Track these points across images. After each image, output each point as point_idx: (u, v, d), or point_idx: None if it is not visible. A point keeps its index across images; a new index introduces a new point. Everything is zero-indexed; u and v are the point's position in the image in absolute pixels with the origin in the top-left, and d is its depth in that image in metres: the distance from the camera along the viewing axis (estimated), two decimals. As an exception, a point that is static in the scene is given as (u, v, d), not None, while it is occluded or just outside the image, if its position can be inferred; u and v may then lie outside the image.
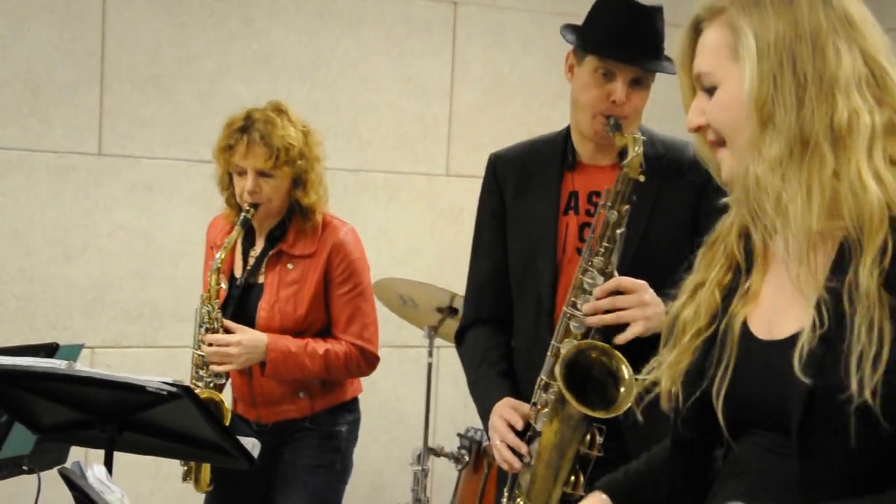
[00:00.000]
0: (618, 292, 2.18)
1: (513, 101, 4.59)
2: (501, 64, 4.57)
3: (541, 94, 4.59)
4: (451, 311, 3.40)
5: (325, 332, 2.96)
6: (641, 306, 2.14)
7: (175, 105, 4.11)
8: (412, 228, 4.49)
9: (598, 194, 2.33)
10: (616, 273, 2.21)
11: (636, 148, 2.19)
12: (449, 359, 4.16)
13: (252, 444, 2.39)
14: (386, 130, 4.44)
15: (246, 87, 4.13)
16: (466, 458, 3.36)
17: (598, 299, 2.17)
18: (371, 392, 4.53)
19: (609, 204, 2.20)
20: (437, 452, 3.39)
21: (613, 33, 2.29)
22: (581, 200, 2.39)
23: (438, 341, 3.51)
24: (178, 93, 4.12)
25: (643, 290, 2.16)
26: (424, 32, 4.48)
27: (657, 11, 2.33)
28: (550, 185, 2.41)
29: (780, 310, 1.40)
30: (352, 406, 3.05)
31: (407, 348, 4.31)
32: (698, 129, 1.42)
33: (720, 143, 1.40)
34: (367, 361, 2.97)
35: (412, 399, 4.36)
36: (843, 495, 1.28)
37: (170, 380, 2.19)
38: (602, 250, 2.20)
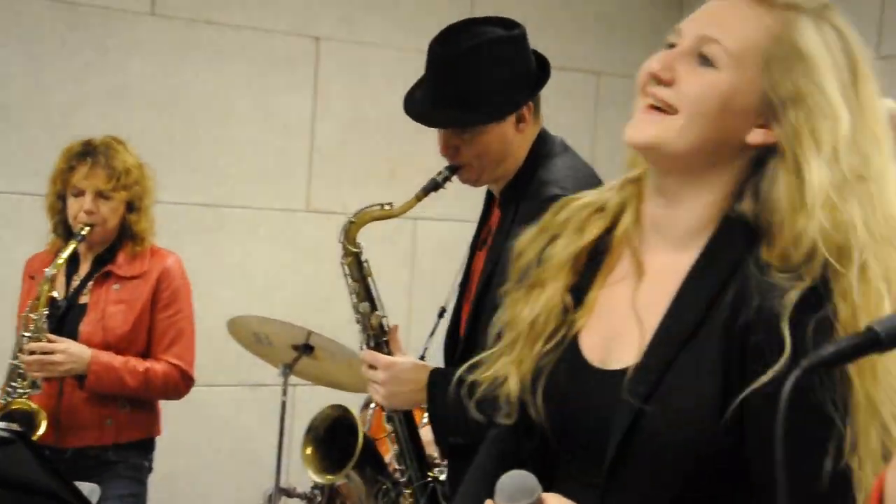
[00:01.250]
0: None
1: (374, 138, 4.60)
2: (363, 100, 4.58)
3: (403, 131, 4.58)
4: (307, 348, 3.37)
5: (144, 356, 3.06)
6: (380, 384, 2.22)
7: (24, 137, 3.99)
8: (271, 265, 4.44)
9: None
10: (384, 321, 2.33)
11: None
12: (304, 397, 4.11)
13: (90, 490, 2.32)
14: (245, 165, 4.40)
15: (100, 120, 4.02)
16: (319, 499, 3.32)
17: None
18: (223, 431, 4.46)
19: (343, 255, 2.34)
20: (290, 493, 3.34)
21: (416, 85, 2.32)
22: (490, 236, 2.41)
23: (293, 379, 3.47)
24: (28, 125, 3.99)
25: (384, 368, 2.22)
26: (286, 67, 4.46)
27: (466, 55, 2.23)
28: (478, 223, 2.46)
29: (619, 335, 1.36)
30: (153, 446, 3.13)
31: (261, 387, 4.24)
32: (653, 77, 1.34)
33: (664, 108, 1.33)
34: (185, 383, 3.11)
35: (265, 439, 4.30)
36: None
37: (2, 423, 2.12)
38: (360, 294, 2.34)
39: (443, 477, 2.45)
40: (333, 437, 3.00)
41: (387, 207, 2.40)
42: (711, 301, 1.28)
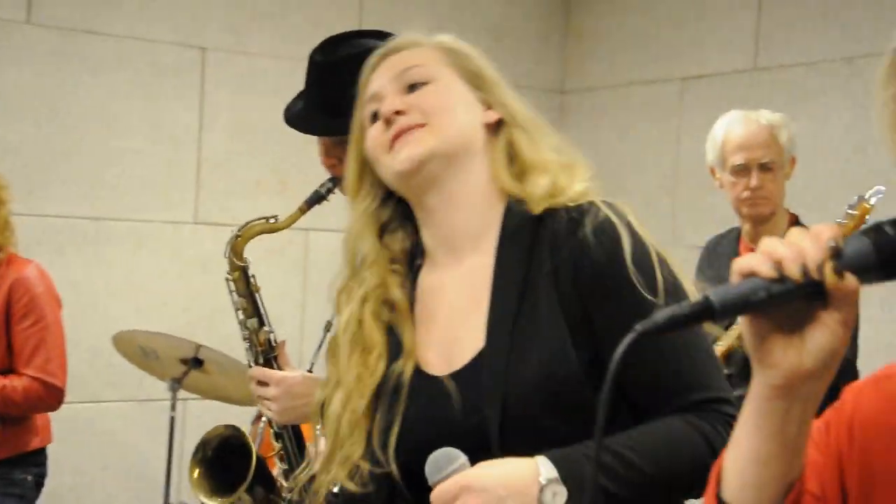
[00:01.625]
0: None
1: (263, 149, 4.56)
2: (251, 110, 4.54)
3: (292, 142, 4.56)
4: (196, 362, 3.32)
5: (8, 371, 2.97)
6: (272, 400, 2.21)
7: None
8: (158, 278, 4.36)
9: None
10: (272, 337, 2.33)
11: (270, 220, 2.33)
12: (194, 411, 4.05)
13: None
14: (131, 177, 4.32)
15: (-24, 130, 3.92)
16: (210, 515, 3.28)
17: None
18: (111, 448, 4.36)
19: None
20: (180, 509, 3.28)
21: (298, 95, 2.32)
22: None
23: (182, 394, 3.41)
24: None
25: (276, 384, 2.21)
26: (172, 77, 4.40)
27: (340, 64, 2.20)
28: None
29: (455, 339, 1.47)
30: (39, 458, 3.02)
31: (149, 402, 4.16)
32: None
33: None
34: (52, 395, 3.00)
35: (155, 454, 4.22)
36: None
37: None
38: (247, 310, 2.35)
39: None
40: (223, 458, 2.94)
41: (272, 221, 2.38)
42: (527, 268, 1.44)
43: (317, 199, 2.34)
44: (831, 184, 4.06)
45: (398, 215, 1.58)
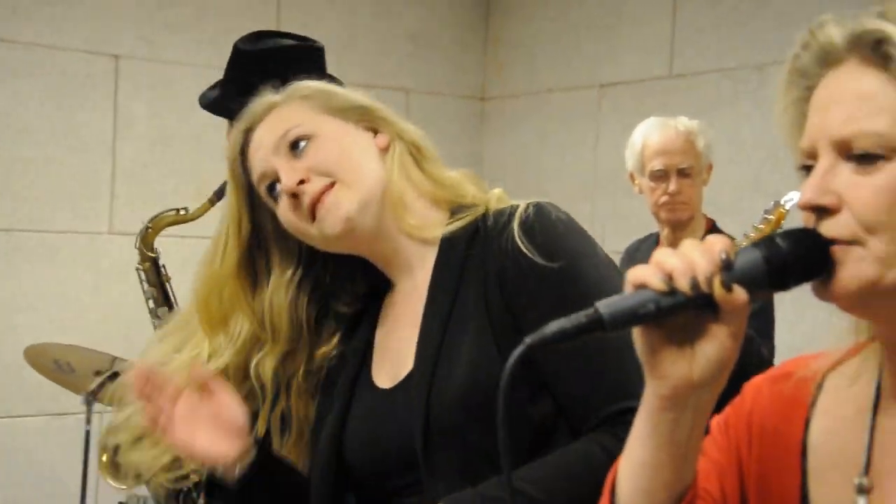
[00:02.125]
0: None
1: (180, 156, 4.50)
2: (167, 118, 4.47)
3: (209, 150, 4.52)
4: (112, 375, 3.25)
5: None
6: None
7: None
8: (72, 289, 4.26)
9: None
10: None
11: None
12: (112, 425, 3.97)
13: None
14: (43, 187, 4.21)
15: None
16: (127, 530, 3.21)
17: None
18: (25, 464, 4.25)
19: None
20: (97, 526, 3.21)
21: (212, 85, 2.40)
22: None
23: (98, 407, 3.34)
24: None
25: None
26: (84, 85, 4.31)
27: (263, 53, 2.31)
28: None
29: (398, 356, 1.49)
30: None
31: (64, 416, 4.06)
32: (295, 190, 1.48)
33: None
34: None
35: (70, 468, 4.12)
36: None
37: None
38: (157, 299, 2.36)
39: None
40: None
41: (182, 212, 2.40)
42: (458, 282, 1.44)
43: (226, 190, 2.33)
44: (745, 189, 4.14)
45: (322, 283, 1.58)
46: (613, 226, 4.50)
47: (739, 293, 0.90)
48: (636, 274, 0.91)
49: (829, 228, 0.93)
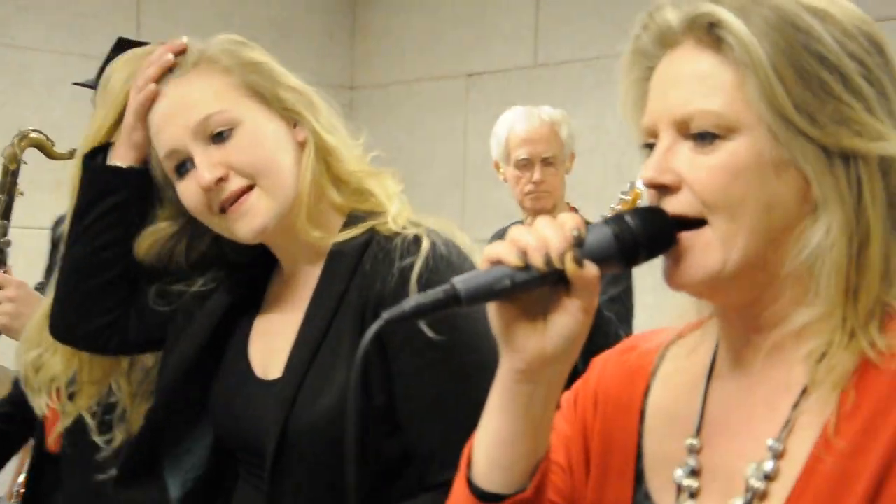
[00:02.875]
0: None
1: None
2: (25, 106, 4.32)
3: (69, 137, 4.39)
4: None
5: None
6: (9, 301, 2.16)
7: None
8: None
9: None
10: (6, 242, 2.35)
11: None
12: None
13: None
14: None
15: None
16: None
17: None
18: None
19: None
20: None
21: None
22: None
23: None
24: None
25: (16, 287, 2.18)
26: (-67, 72, 4.13)
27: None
28: None
29: (274, 349, 1.46)
30: None
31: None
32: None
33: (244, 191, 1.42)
34: None
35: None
36: None
37: None
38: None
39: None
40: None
41: (54, 146, 2.52)
42: (339, 300, 1.38)
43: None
44: (609, 176, 4.24)
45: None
46: (482, 214, 4.55)
47: (590, 268, 0.92)
48: (492, 250, 0.93)
49: (671, 206, 0.97)
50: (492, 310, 0.95)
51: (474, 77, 4.98)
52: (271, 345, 1.47)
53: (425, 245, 1.35)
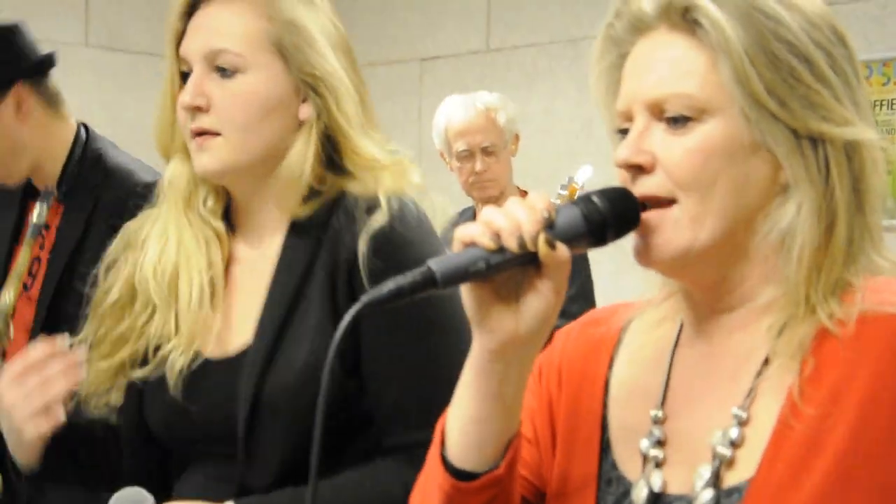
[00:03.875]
0: None
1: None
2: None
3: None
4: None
5: None
6: None
7: None
8: None
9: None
10: None
11: None
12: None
13: None
14: None
15: None
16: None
17: None
18: None
19: None
20: None
21: None
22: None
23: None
24: None
25: None
26: None
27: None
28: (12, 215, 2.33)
29: (230, 325, 1.45)
30: None
31: None
32: (188, 109, 1.40)
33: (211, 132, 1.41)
34: None
35: None
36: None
37: None
38: None
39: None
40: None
41: None
42: (308, 263, 1.39)
43: None
44: (562, 159, 4.29)
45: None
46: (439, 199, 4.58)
47: (562, 250, 0.95)
48: (465, 232, 0.95)
49: (644, 187, 1.00)
50: (465, 291, 0.98)
51: (428, 62, 5.00)
52: (227, 324, 1.46)
53: (384, 204, 1.37)
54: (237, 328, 1.44)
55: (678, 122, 0.99)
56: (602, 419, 1.09)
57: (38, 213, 1.82)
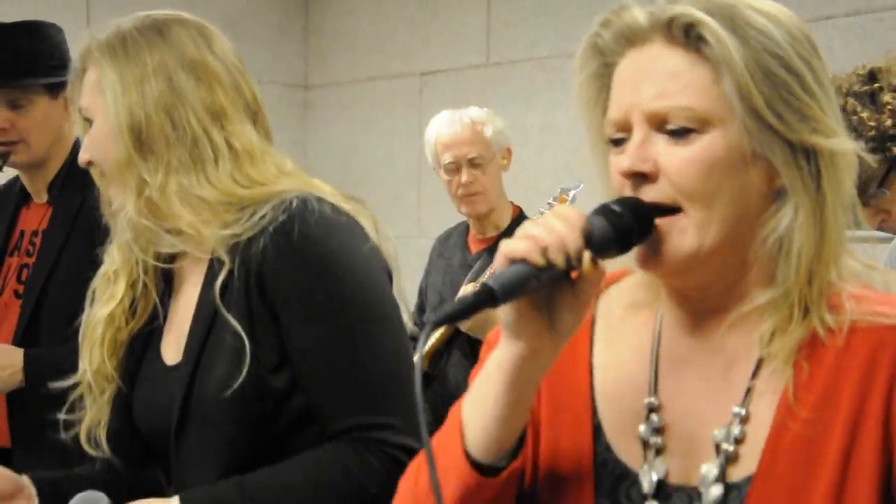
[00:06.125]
0: None
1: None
2: None
3: None
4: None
5: None
6: None
7: None
8: None
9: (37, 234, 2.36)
10: None
11: None
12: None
13: None
14: None
15: None
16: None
17: None
18: None
19: None
20: None
21: None
22: (25, 240, 2.40)
23: None
24: None
25: None
26: None
27: (14, 28, 2.39)
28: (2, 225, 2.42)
29: (181, 335, 1.52)
30: None
31: None
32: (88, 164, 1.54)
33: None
34: None
35: None
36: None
37: None
38: None
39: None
40: None
41: None
42: (224, 282, 1.44)
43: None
44: (559, 174, 4.30)
45: None
46: (438, 213, 4.59)
47: (601, 265, 1.00)
48: (513, 249, 0.98)
49: (648, 195, 1.03)
50: (508, 304, 1.00)
51: (427, 76, 5.01)
52: (179, 334, 1.53)
53: (285, 205, 1.42)
54: (181, 342, 1.51)
55: (680, 133, 1.02)
56: (591, 401, 1.13)
57: None
